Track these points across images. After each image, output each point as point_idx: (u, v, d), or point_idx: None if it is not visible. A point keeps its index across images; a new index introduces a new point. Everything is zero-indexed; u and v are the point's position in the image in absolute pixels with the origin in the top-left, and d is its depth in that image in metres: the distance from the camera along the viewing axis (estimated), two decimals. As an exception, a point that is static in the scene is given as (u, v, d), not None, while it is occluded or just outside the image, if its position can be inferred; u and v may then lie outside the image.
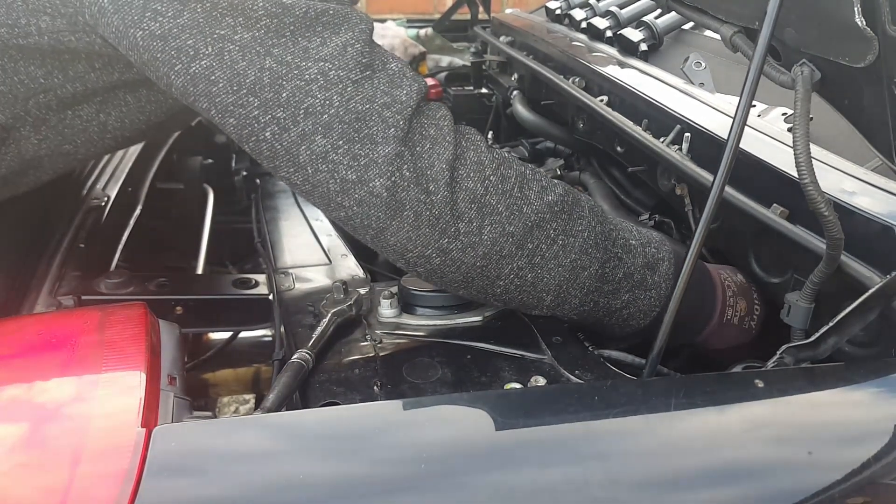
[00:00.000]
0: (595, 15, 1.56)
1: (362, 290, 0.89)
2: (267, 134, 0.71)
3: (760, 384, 0.65)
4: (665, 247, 0.86)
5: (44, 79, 0.82)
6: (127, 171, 1.42)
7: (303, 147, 0.71)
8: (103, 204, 1.28)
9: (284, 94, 0.70)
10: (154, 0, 0.68)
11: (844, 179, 0.81)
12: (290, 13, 0.70)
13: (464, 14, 2.40)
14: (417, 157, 0.73)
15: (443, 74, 2.05)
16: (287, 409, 0.70)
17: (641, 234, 0.86)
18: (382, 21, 2.38)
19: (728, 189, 0.84)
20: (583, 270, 0.80)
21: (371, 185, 0.71)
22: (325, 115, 0.70)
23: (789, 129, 0.91)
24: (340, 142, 0.71)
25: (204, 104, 0.72)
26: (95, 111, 0.89)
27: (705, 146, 0.97)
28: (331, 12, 0.72)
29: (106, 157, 1.47)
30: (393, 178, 0.71)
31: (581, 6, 1.64)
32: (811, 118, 0.72)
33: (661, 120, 1.07)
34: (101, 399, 0.60)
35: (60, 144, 0.91)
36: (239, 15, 0.69)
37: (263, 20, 0.69)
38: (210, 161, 1.74)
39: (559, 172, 1.47)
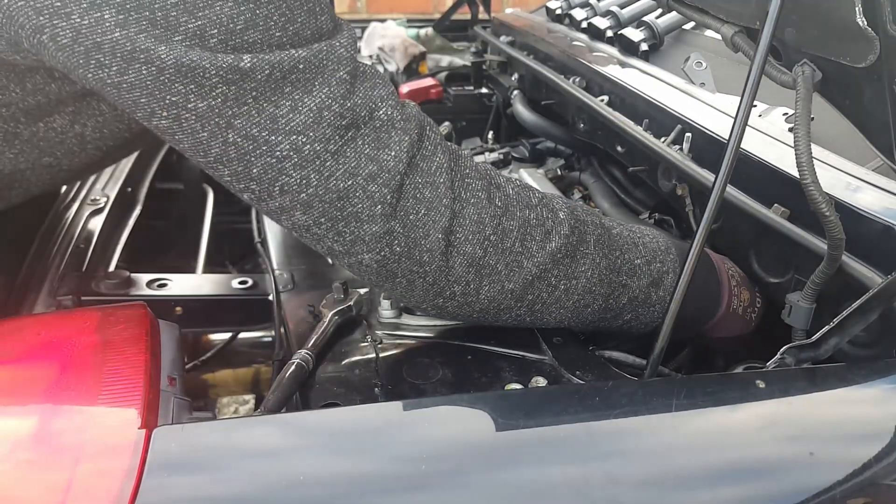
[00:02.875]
0: (596, 15, 1.56)
1: (362, 291, 0.89)
2: (245, 196, 0.67)
3: (762, 384, 0.65)
4: (670, 256, 0.83)
5: (1, 94, 0.75)
6: (127, 171, 1.42)
7: (283, 217, 0.67)
8: (103, 204, 1.27)
9: (255, 171, 0.63)
10: (95, 51, 0.58)
11: (846, 179, 0.81)
12: (250, 78, 0.60)
13: (464, 14, 2.40)
14: (410, 229, 0.67)
15: (443, 74, 2.05)
16: (287, 410, 0.70)
17: (647, 248, 0.82)
18: (382, 21, 2.38)
19: (729, 189, 0.84)
20: (585, 308, 0.78)
21: (359, 257, 0.68)
22: (303, 195, 0.64)
23: (790, 129, 0.91)
24: (322, 219, 0.66)
25: (180, 151, 0.66)
26: (69, 122, 0.82)
27: (706, 146, 0.97)
28: (301, 67, 0.61)
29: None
30: (382, 254, 0.67)
31: (581, 6, 1.64)
32: (812, 118, 0.72)
33: (661, 120, 1.07)
34: (101, 400, 0.60)
35: (39, 157, 0.85)
36: (190, 82, 0.59)
37: (219, 88, 0.59)
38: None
39: (559, 172, 1.47)
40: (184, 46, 0.58)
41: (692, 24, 1.39)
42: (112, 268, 1.14)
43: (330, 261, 0.73)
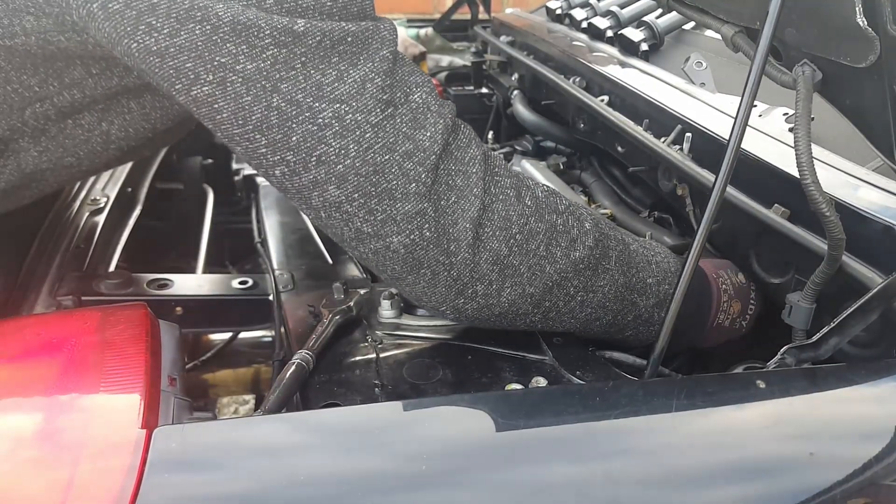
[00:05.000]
0: (596, 15, 1.56)
1: (362, 291, 0.89)
2: (276, 172, 0.66)
3: (762, 385, 0.65)
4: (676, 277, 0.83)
5: (38, 87, 0.76)
6: (127, 171, 1.42)
7: (315, 193, 0.66)
8: (103, 204, 1.27)
9: (294, 138, 0.63)
10: (148, 13, 0.59)
11: (846, 179, 0.81)
12: (301, 43, 0.61)
13: (464, 14, 2.40)
14: (440, 214, 0.67)
15: (443, 74, 2.05)
16: (287, 410, 0.70)
17: (659, 268, 0.83)
18: (382, 21, 2.38)
19: (729, 189, 0.84)
20: (595, 321, 0.79)
21: (388, 240, 0.67)
22: (340, 166, 0.64)
23: (790, 130, 0.91)
24: (356, 195, 0.65)
25: (209, 125, 0.66)
26: (97, 119, 0.83)
27: (706, 146, 0.97)
28: (349, 39, 0.63)
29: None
30: (412, 237, 0.66)
31: (582, 6, 1.64)
32: (812, 118, 0.72)
33: (661, 120, 1.07)
34: (102, 400, 0.60)
35: (62, 157, 0.86)
36: (242, 42, 0.60)
37: (270, 49, 0.60)
38: (210, 161, 1.74)
39: (561, 167, 1.47)
40: (241, 5, 0.59)
41: (692, 24, 1.39)
42: (112, 268, 1.14)
43: (349, 251, 0.71)
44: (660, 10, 1.45)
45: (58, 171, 0.88)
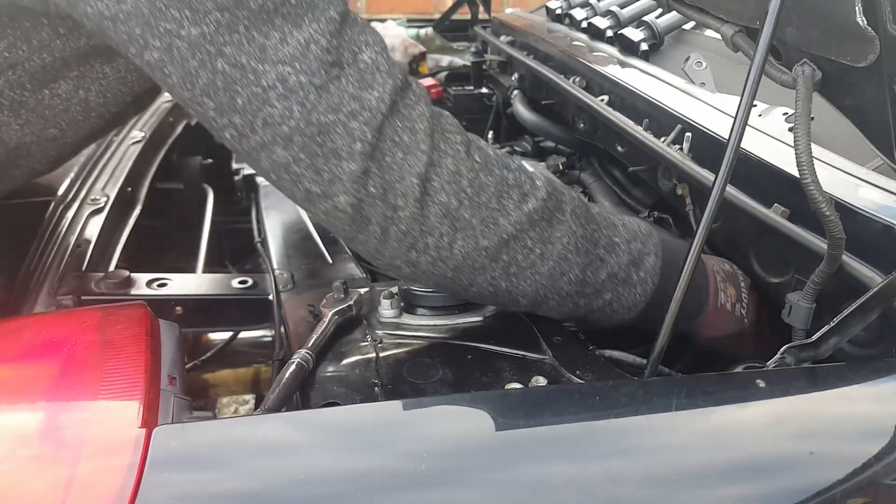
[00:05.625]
0: (595, 14, 1.56)
1: (363, 290, 0.89)
2: (226, 135, 0.67)
3: (762, 384, 0.65)
4: (652, 240, 0.83)
5: (8, 52, 0.76)
6: (127, 171, 1.42)
7: (263, 155, 0.67)
8: (103, 204, 1.28)
9: (240, 101, 0.64)
10: None
11: (846, 179, 0.81)
12: (243, 6, 0.62)
13: (464, 14, 2.40)
14: (385, 170, 0.68)
15: (443, 74, 2.05)
16: (287, 410, 0.70)
17: (627, 229, 0.83)
18: (382, 21, 2.38)
19: (729, 189, 0.84)
20: (561, 276, 0.77)
21: (336, 200, 0.68)
22: (285, 127, 0.65)
23: (790, 129, 0.91)
24: (302, 155, 0.66)
25: (165, 90, 0.67)
26: (74, 87, 0.84)
27: (706, 146, 0.97)
28: (293, 2, 0.64)
29: (106, 157, 1.47)
30: (358, 196, 0.67)
31: (581, 6, 1.64)
32: (812, 118, 0.72)
33: (661, 120, 1.07)
34: (102, 399, 0.60)
35: (45, 129, 0.86)
36: (185, 7, 0.61)
37: (213, 14, 0.62)
38: (210, 161, 1.74)
39: (561, 167, 1.47)
40: None
41: (692, 23, 1.39)
42: (112, 268, 1.14)
43: (307, 213, 0.72)
44: (660, 10, 1.45)
45: (43, 144, 0.88)
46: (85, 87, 0.84)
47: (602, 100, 1.23)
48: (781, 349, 0.74)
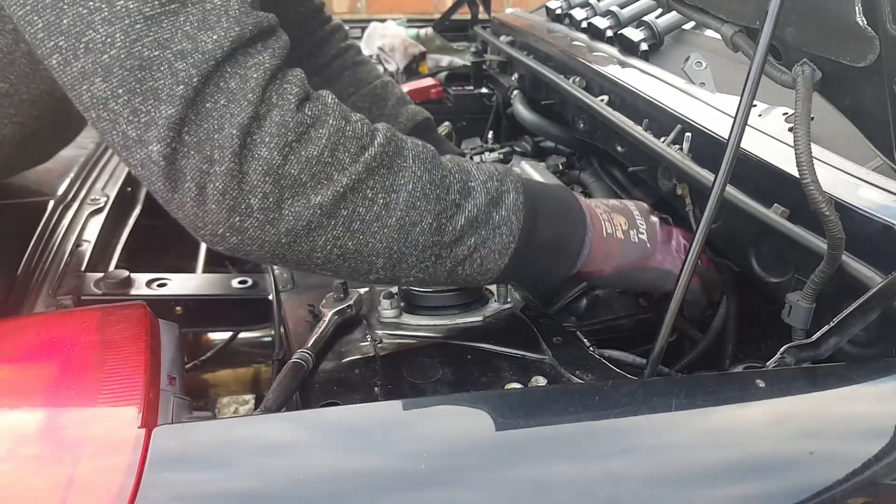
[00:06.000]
0: (595, 14, 1.56)
1: (362, 290, 0.89)
2: (53, 62, 0.62)
3: (761, 384, 0.65)
4: (510, 177, 0.79)
5: None
6: (127, 170, 1.42)
7: (84, 86, 0.62)
8: (103, 204, 1.28)
9: (65, 21, 0.60)
10: None
11: (846, 179, 0.81)
12: None
13: (464, 14, 2.40)
14: (204, 118, 0.62)
15: (443, 74, 2.05)
16: (287, 410, 0.70)
17: (482, 171, 0.78)
18: (382, 21, 2.38)
19: (729, 189, 0.84)
20: (413, 227, 0.71)
21: (149, 148, 0.62)
22: (105, 56, 0.60)
23: (790, 129, 0.91)
24: (120, 90, 0.61)
25: (8, 13, 0.64)
26: (13, 41, 0.82)
27: (706, 146, 0.97)
28: None
29: (106, 157, 1.48)
30: (172, 145, 0.62)
31: (581, 6, 1.64)
32: (812, 118, 0.72)
33: (661, 120, 1.07)
34: (101, 399, 0.60)
35: None
36: None
37: None
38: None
39: (561, 167, 1.47)
40: None
41: (692, 23, 1.39)
42: (112, 268, 1.14)
43: (126, 164, 0.66)
44: (660, 10, 1.45)
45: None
46: (25, 41, 0.78)
47: (602, 100, 1.23)
48: (781, 349, 0.74)
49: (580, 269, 0.84)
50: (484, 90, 1.89)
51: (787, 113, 0.99)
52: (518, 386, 0.73)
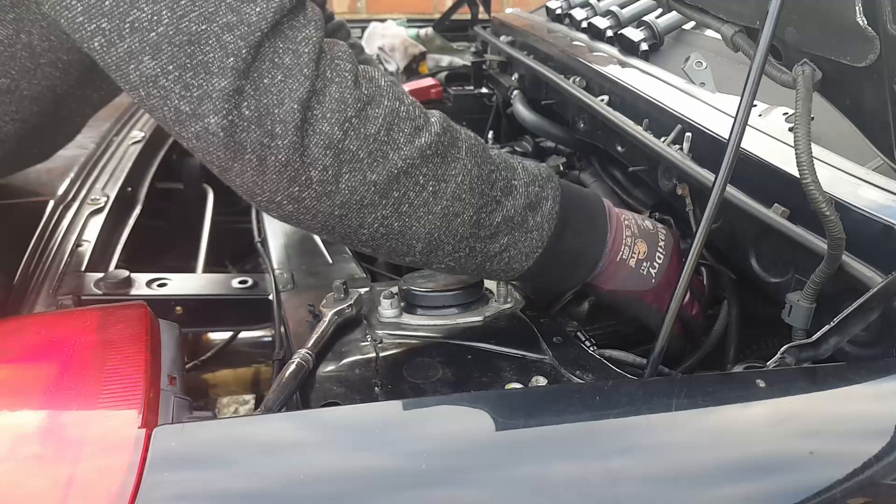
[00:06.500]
0: (596, 14, 1.56)
1: (363, 290, 0.89)
2: (95, 44, 0.63)
3: (762, 384, 0.65)
4: (551, 184, 0.81)
5: None
6: (127, 171, 1.42)
7: (131, 66, 0.63)
8: (103, 204, 1.28)
9: (108, 3, 0.61)
10: None
11: (846, 179, 0.81)
12: None
13: (464, 14, 2.40)
14: (263, 93, 0.63)
15: (443, 74, 2.05)
16: (287, 410, 0.70)
17: (527, 172, 0.80)
18: (382, 21, 2.38)
19: (729, 189, 0.84)
20: (455, 217, 0.73)
21: (206, 120, 0.63)
22: (153, 34, 0.61)
23: (790, 129, 0.91)
24: (170, 67, 0.62)
25: (46, 6, 0.63)
26: (14, 32, 0.81)
27: (706, 146, 0.97)
28: None
29: (106, 157, 1.48)
30: (230, 118, 0.63)
31: (581, 6, 1.64)
32: (812, 118, 0.72)
33: (661, 120, 1.07)
34: (102, 399, 0.60)
35: None
36: None
37: None
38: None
39: (561, 167, 1.47)
40: None
41: (692, 23, 1.39)
42: (112, 268, 1.14)
43: (179, 140, 0.67)
44: (660, 10, 1.45)
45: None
46: (26, 31, 0.79)
47: (602, 100, 1.23)
48: (781, 349, 0.74)
49: (588, 282, 0.87)
50: (484, 90, 1.89)
51: (787, 113, 0.99)
52: (518, 386, 0.73)
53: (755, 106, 0.99)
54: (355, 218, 0.70)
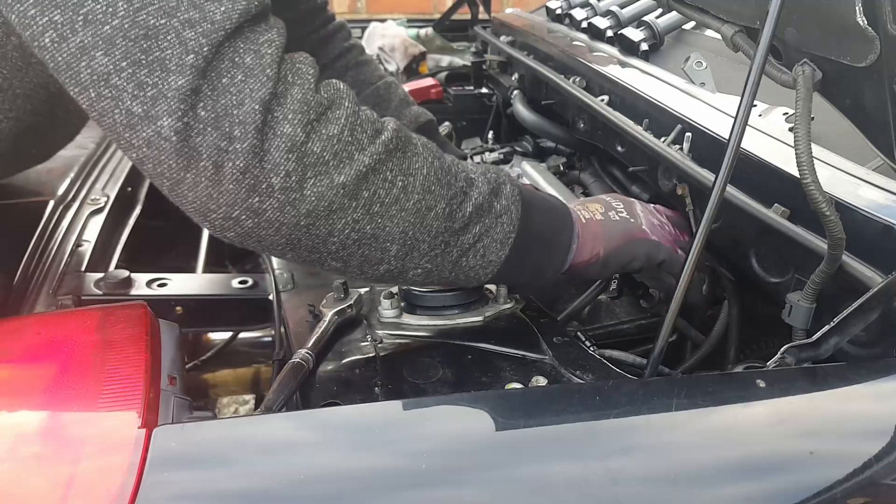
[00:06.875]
0: (596, 14, 1.56)
1: (363, 290, 0.89)
2: (46, 41, 0.59)
3: (762, 384, 0.65)
4: (501, 171, 0.81)
5: None
6: (127, 171, 1.42)
7: (83, 63, 0.59)
8: (103, 204, 1.28)
9: None
10: None
11: (846, 179, 0.81)
12: None
13: (464, 14, 2.40)
14: (221, 93, 0.60)
15: (443, 74, 2.05)
16: (287, 410, 0.70)
17: (476, 166, 0.80)
18: (382, 21, 2.38)
19: (729, 189, 0.84)
20: (429, 211, 0.71)
21: (158, 123, 0.59)
22: (107, 27, 0.58)
23: (790, 129, 0.91)
24: (124, 63, 0.58)
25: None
26: (4, 34, 0.79)
27: (706, 146, 0.97)
28: None
29: (106, 157, 1.48)
30: (185, 119, 0.59)
31: (582, 6, 1.64)
32: (812, 118, 0.72)
33: (661, 120, 1.07)
34: (102, 399, 0.60)
35: None
36: None
37: None
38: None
39: (561, 168, 1.47)
40: None
41: (692, 23, 1.39)
42: (112, 268, 1.14)
43: (123, 151, 0.63)
44: (660, 10, 1.45)
45: None
46: (16, 33, 0.76)
47: (602, 100, 1.23)
48: (781, 349, 0.74)
49: (574, 262, 0.84)
50: (484, 90, 1.89)
51: (787, 113, 0.99)
52: (518, 386, 0.73)
53: (755, 106, 0.99)
54: (324, 226, 0.66)
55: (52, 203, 1.24)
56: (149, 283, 1.06)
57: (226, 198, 0.62)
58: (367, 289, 0.91)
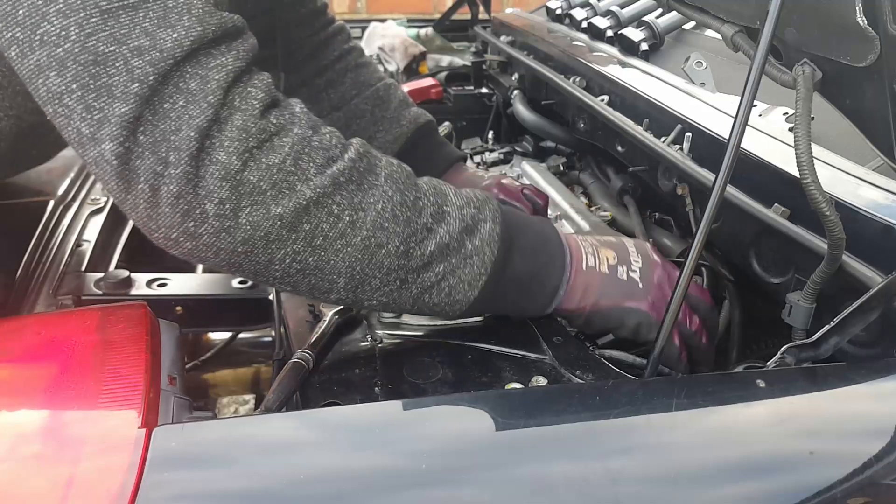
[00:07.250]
0: (596, 14, 1.56)
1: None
2: (12, 53, 0.61)
3: (762, 384, 0.65)
4: (489, 206, 0.77)
5: None
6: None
7: (40, 80, 0.61)
8: (103, 204, 1.28)
9: (21, 12, 0.59)
10: None
11: (846, 179, 0.81)
12: None
13: (464, 14, 2.40)
14: (161, 118, 0.60)
15: (443, 74, 2.05)
16: (287, 409, 0.70)
17: (461, 196, 0.76)
18: (382, 21, 2.38)
19: (729, 189, 0.84)
20: (379, 248, 0.69)
21: (102, 146, 0.60)
22: (60, 49, 0.59)
23: (790, 129, 0.91)
24: (74, 86, 0.60)
25: None
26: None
27: (706, 146, 0.97)
28: None
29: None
30: (126, 144, 0.60)
31: (582, 6, 1.64)
32: (812, 118, 0.72)
33: (662, 120, 1.07)
34: (102, 399, 0.60)
35: None
36: None
37: None
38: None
39: (561, 168, 1.47)
40: None
41: (692, 23, 1.39)
42: (112, 268, 1.14)
43: (84, 162, 0.64)
44: (660, 10, 1.45)
45: None
46: None
47: (602, 100, 1.23)
48: (781, 349, 0.74)
49: (560, 307, 0.82)
50: (484, 90, 1.89)
51: (787, 113, 0.99)
52: (518, 386, 0.73)
53: (755, 106, 0.99)
54: (262, 254, 0.66)
55: (52, 203, 1.24)
56: (149, 283, 1.06)
57: (164, 220, 0.63)
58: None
